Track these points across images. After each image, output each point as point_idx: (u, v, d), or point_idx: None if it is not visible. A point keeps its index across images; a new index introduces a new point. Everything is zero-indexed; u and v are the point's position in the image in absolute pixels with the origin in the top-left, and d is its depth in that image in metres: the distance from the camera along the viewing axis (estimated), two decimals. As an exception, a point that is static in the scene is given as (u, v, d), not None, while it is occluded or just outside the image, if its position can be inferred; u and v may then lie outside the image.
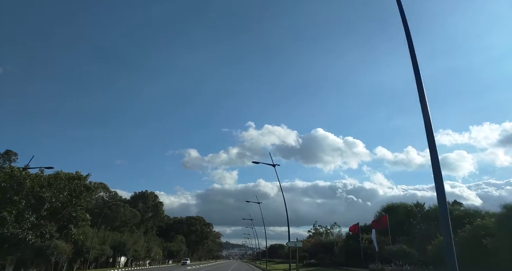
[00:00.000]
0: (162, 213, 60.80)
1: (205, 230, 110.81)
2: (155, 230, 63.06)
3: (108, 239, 44.10)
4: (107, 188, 50.00)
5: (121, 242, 46.55)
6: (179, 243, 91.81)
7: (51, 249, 27.78)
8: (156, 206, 58.51)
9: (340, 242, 47.97)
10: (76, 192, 24.51)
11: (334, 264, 40.27)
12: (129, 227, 51.89)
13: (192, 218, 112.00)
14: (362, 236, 35.11)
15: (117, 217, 48.73)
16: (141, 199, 57.31)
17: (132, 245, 48.53)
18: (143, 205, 57.71)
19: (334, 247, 47.54)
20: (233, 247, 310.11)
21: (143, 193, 57.73)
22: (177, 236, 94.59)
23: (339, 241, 48.34)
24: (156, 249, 69.52)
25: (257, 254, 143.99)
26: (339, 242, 48.26)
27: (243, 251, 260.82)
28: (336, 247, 46.87)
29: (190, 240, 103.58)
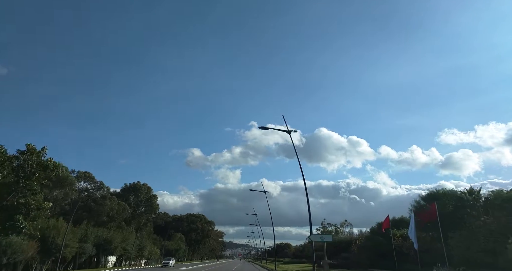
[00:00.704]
0: (157, 207, 54.63)
1: (206, 228, 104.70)
2: (149, 226, 56.99)
3: (91, 236, 38.01)
4: (92, 177, 43.90)
5: (107, 239, 40.48)
6: (178, 241, 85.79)
7: (2, 246, 21.72)
8: (150, 200, 52.39)
9: (359, 240, 41.52)
10: (25, 171, 18.50)
11: (359, 265, 33.56)
12: (118, 222, 45.80)
13: (192, 216, 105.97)
14: (394, 233, 28.63)
15: (103, 211, 42.64)
16: (133, 191, 51.30)
17: (120, 243, 42.43)
18: (135, 199, 51.65)
19: (352, 245, 41.08)
20: (236, 247, 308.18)
21: (135, 185, 51.70)
22: (176, 234, 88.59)
23: (359, 239, 41.86)
24: (151, 248, 63.55)
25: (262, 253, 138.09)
26: (359, 240, 41.80)
27: (247, 251, 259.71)
28: (354, 246, 40.39)
29: (190, 238, 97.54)
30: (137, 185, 51.56)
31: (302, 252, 76.48)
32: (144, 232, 56.45)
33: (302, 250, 78.34)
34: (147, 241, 52.86)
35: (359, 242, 41.00)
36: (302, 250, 77.77)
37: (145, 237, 54.12)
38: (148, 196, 52.76)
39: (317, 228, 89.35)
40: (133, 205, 51.53)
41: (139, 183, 51.93)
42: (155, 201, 53.54)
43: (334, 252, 50.75)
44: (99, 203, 42.86)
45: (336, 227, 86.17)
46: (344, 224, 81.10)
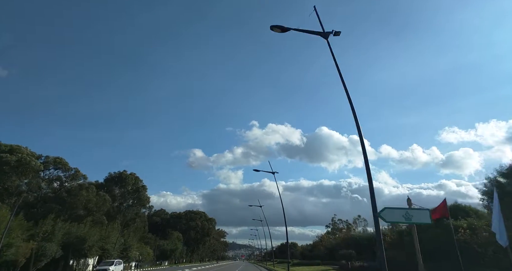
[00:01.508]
0: (146, 201, 47.12)
1: (206, 226, 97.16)
2: (138, 223, 49.54)
3: (58, 233, 30.58)
4: (65, 164, 36.46)
5: (80, 237, 33.05)
6: (175, 241, 78.32)
7: None
8: (138, 191, 44.93)
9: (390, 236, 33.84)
10: None
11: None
12: (97, 216, 38.38)
13: (192, 212, 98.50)
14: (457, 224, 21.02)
15: (77, 203, 35.22)
16: (118, 182, 43.90)
17: (97, 241, 34.99)
18: (121, 190, 44.21)
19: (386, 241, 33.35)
20: (239, 248, 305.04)
21: (120, 174, 44.25)
22: (173, 232, 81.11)
23: (389, 234, 34.21)
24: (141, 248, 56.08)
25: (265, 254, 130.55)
26: (389, 235, 34.13)
27: (250, 252, 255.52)
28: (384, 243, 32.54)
29: (189, 237, 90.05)
30: (122, 174, 44.14)
31: (311, 251, 68.88)
32: (132, 229, 48.96)
33: (311, 249, 70.73)
34: (134, 240, 45.41)
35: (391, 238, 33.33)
36: (311, 250, 70.19)
37: (132, 235, 46.68)
38: (136, 187, 45.31)
39: (327, 225, 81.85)
40: (118, 198, 44.10)
41: (125, 172, 44.53)
42: (145, 193, 46.05)
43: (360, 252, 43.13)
44: (72, 194, 35.43)
45: (348, 224, 78.50)
46: (357, 220, 73.27)
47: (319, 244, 63.45)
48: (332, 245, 55.24)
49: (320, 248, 60.91)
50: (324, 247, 57.48)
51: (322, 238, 61.60)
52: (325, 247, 57.02)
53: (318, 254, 60.62)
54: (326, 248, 56.45)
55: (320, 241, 62.22)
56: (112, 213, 43.61)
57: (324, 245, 57.81)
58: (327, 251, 56.00)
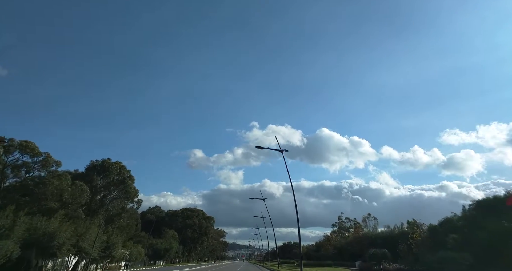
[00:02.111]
0: (134, 193, 41.62)
1: (204, 225, 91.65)
2: (126, 218, 44.03)
3: (19, 228, 25.07)
4: (33, 148, 30.98)
5: (48, 233, 27.57)
6: (170, 239, 72.88)
7: None
8: (123, 182, 39.45)
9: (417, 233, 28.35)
10: None
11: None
12: (73, 210, 32.93)
13: (188, 210, 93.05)
14: None
15: (47, 193, 29.77)
16: (101, 172, 38.44)
17: (69, 238, 29.50)
18: (103, 181, 38.75)
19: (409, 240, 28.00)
20: (240, 248, 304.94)
21: (103, 162, 38.74)
22: (168, 231, 75.67)
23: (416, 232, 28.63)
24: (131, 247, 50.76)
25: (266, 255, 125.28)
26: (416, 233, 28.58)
27: (250, 252, 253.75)
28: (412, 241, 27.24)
29: (185, 236, 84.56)
30: (105, 162, 38.59)
31: (317, 251, 63.43)
32: (117, 226, 43.47)
33: (317, 249, 65.26)
34: (120, 237, 39.92)
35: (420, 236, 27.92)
36: (317, 250, 64.74)
37: (117, 232, 41.17)
38: (121, 178, 39.84)
39: (333, 224, 76.30)
40: (100, 189, 38.66)
41: (109, 160, 38.91)
42: (131, 185, 40.54)
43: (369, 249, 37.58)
44: (42, 183, 29.99)
45: (356, 223, 72.95)
46: (366, 218, 67.64)
47: (326, 243, 57.97)
48: (341, 245, 49.90)
49: (327, 248, 55.45)
50: (333, 246, 52.06)
51: (330, 237, 56.00)
52: (333, 247, 51.62)
53: (325, 254, 55.19)
54: (335, 247, 51.04)
55: (327, 241, 56.70)
56: (94, 206, 38.19)
57: (332, 245, 52.36)
58: (336, 251, 50.59)
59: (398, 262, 24.70)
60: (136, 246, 61.59)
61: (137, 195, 42.81)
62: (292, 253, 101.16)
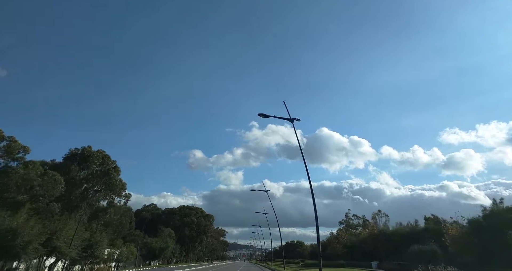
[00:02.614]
0: (120, 186, 37.01)
1: (203, 223, 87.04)
2: (112, 214, 39.44)
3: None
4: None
5: (9, 230, 23.09)
6: (166, 238, 68.34)
7: None
8: (107, 174, 34.89)
9: (454, 229, 23.74)
10: None
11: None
12: (45, 203, 28.37)
13: (186, 208, 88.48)
14: None
15: (11, 184, 25.23)
16: (81, 162, 33.84)
17: (38, 235, 24.95)
18: (85, 172, 34.17)
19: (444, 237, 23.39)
20: (240, 248, 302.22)
21: (83, 151, 34.04)
22: (164, 229, 71.13)
23: (452, 228, 23.99)
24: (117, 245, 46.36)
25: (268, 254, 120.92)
26: (453, 229, 23.92)
27: (251, 252, 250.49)
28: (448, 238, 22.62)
29: (183, 235, 80.00)
30: (85, 151, 33.87)
31: (324, 250, 58.75)
32: (102, 222, 38.89)
33: (324, 248, 60.53)
34: (104, 235, 35.35)
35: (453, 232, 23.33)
36: (324, 249, 60.03)
37: (101, 229, 36.61)
38: (105, 169, 35.26)
39: (340, 221, 71.68)
40: (80, 182, 34.11)
41: (89, 148, 34.18)
42: (117, 177, 35.95)
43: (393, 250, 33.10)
44: (3, 172, 25.44)
45: (364, 219, 68.25)
46: (376, 215, 62.89)
47: (334, 241, 53.32)
48: (352, 243, 45.26)
49: (335, 247, 50.79)
50: (342, 245, 47.48)
51: (338, 235, 51.34)
52: (343, 245, 47.03)
53: (333, 253, 50.61)
54: (344, 246, 46.45)
55: (335, 239, 52.04)
56: (74, 201, 33.64)
57: (342, 243, 47.77)
58: (346, 250, 45.98)
59: (433, 263, 20.13)
60: (129, 246, 57.08)
61: (124, 188, 38.22)
62: (295, 253, 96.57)
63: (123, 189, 38.41)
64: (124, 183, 38.45)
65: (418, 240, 29.35)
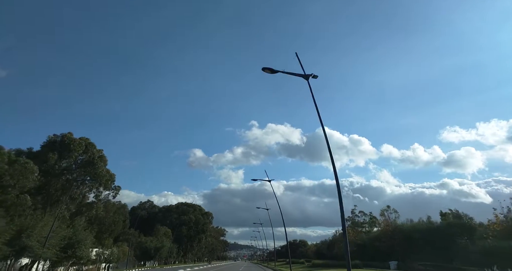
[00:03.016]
0: (107, 179, 33.17)
1: (201, 221, 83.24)
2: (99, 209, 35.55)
3: None
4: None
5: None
6: (162, 237, 64.58)
7: None
8: (92, 164, 31.09)
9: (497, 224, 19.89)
10: None
11: None
12: (15, 195, 24.56)
13: (184, 205, 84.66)
14: None
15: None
16: (62, 150, 30.06)
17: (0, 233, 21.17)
18: (66, 161, 30.40)
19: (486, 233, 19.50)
20: (241, 248, 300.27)
21: (63, 138, 30.19)
22: (160, 227, 67.37)
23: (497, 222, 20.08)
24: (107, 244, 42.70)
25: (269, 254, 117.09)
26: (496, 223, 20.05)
27: (252, 252, 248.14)
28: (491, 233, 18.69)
29: (180, 234, 76.20)
30: (66, 138, 30.07)
31: (331, 250, 55.00)
32: (87, 219, 35.05)
33: (329, 247, 56.75)
34: (88, 233, 31.53)
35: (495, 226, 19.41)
36: (330, 248, 56.29)
37: (84, 225, 32.77)
38: (88, 158, 31.49)
39: (346, 218, 67.90)
40: (61, 172, 30.31)
41: (70, 135, 30.37)
42: (103, 167, 32.19)
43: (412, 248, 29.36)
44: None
45: (371, 216, 64.39)
46: (385, 211, 58.98)
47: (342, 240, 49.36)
48: (363, 241, 41.46)
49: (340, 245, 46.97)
50: (353, 243, 43.60)
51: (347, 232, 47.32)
52: (354, 243, 43.18)
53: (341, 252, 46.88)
54: (355, 244, 42.61)
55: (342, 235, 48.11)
56: (54, 194, 29.83)
57: (351, 241, 43.83)
58: (356, 248, 42.13)
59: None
60: (121, 245, 53.35)
61: (112, 180, 34.37)
62: (298, 252, 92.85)
63: (111, 181, 34.55)
64: (112, 174, 34.61)
65: (442, 237, 25.62)
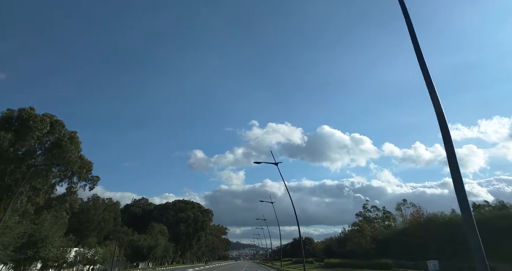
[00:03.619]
0: (79, 164, 27.53)
1: (200, 218, 77.66)
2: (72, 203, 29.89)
3: None
4: None
5: None
6: (157, 235, 59.07)
7: None
8: (59, 146, 25.47)
9: None
10: None
11: None
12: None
13: (182, 202, 79.12)
14: None
15: None
16: (19, 129, 24.43)
17: None
18: (25, 143, 24.81)
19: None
20: (243, 247, 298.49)
21: (20, 113, 24.39)
22: (154, 225, 61.86)
23: None
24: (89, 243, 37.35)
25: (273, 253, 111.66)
26: None
27: (255, 251, 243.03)
28: None
29: (178, 232, 70.65)
30: (24, 113, 24.43)
31: (342, 247, 49.27)
32: (56, 213, 29.45)
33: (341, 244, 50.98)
34: (56, 230, 25.99)
35: None
36: (341, 245, 50.53)
37: (52, 221, 27.23)
38: (55, 140, 25.94)
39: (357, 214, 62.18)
40: (18, 156, 24.76)
41: (31, 110, 24.64)
42: (74, 150, 26.65)
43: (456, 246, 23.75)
44: None
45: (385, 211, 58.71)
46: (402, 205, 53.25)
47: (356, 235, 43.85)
48: (385, 236, 35.83)
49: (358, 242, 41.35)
50: (369, 239, 38.02)
51: (362, 227, 41.84)
52: (372, 239, 37.55)
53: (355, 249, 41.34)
54: (373, 240, 36.96)
55: (358, 232, 42.54)
56: (8, 182, 24.30)
57: (370, 237, 38.28)
58: (376, 245, 36.47)
59: None
60: (109, 244, 47.90)
61: (89, 169, 28.77)
62: (304, 250, 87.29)
63: (88, 169, 28.93)
64: (87, 161, 28.96)
65: (491, 232, 20.06)
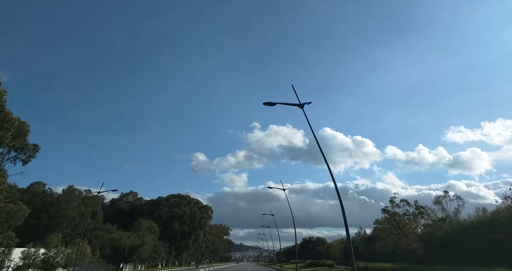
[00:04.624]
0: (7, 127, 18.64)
1: (197, 215, 68.49)
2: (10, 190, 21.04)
3: None
4: None
5: None
6: (144, 233, 50.00)
7: None
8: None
9: None
10: None
11: None
12: None
13: (176, 197, 69.97)
14: None
15: None
16: None
17: None
18: None
19: None
20: (247, 249, 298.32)
21: None
22: (141, 221, 52.78)
23: None
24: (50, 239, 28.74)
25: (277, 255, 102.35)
26: None
27: (258, 253, 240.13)
28: None
29: (172, 230, 61.58)
30: None
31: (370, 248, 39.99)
32: None
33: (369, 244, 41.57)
34: None
35: None
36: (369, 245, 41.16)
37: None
38: None
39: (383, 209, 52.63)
40: None
41: None
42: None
43: None
44: None
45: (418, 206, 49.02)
46: (442, 198, 43.42)
47: (388, 232, 34.51)
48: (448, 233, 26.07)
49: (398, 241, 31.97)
50: (414, 237, 28.62)
51: (400, 222, 32.42)
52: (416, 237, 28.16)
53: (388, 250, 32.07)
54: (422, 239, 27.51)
55: (396, 228, 33.14)
56: None
57: (414, 233, 28.88)
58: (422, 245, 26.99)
59: None
60: (83, 243, 38.86)
61: (22, 133, 19.93)
62: (314, 252, 77.88)
63: (19, 132, 20.01)
64: (21, 121, 20.12)
65: None
